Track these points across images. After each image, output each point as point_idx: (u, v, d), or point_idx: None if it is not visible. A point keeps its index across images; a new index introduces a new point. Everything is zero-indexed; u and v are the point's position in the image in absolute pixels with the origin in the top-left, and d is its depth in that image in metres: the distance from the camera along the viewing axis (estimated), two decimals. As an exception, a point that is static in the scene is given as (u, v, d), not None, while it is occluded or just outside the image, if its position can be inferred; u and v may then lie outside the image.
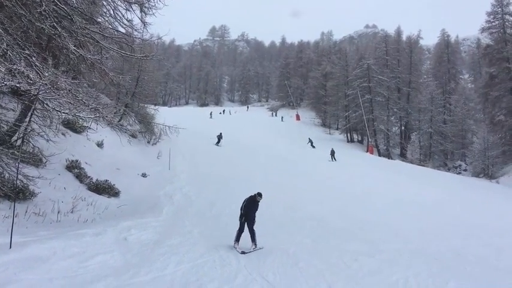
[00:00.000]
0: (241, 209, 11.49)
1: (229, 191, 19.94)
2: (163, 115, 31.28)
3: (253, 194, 11.64)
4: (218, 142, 36.45)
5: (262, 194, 11.50)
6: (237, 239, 11.08)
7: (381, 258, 11.02)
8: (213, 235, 12.05)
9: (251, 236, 11.16)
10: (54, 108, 10.08)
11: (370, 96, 57.89)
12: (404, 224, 17.21)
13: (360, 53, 77.34)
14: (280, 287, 8.20)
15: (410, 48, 68.18)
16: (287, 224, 14.86)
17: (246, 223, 11.24)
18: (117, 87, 23.98)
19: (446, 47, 78.68)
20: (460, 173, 51.16)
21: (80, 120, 16.09)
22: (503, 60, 50.40)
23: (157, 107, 34.55)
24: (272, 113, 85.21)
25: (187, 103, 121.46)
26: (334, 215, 17.52)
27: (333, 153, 38.12)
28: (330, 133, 68.99)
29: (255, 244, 11.08)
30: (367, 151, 53.79)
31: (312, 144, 46.94)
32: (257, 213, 16.15)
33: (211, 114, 71.45)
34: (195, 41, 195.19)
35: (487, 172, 46.22)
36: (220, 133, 37.17)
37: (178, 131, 24.60)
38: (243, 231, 11.19)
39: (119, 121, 24.73)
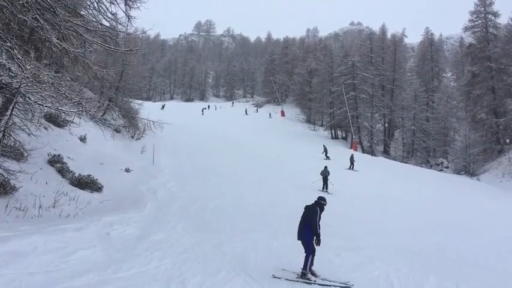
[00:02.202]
0: (314, 225, 8.89)
1: (213, 187, 19.99)
2: (148, 110, 31.13)
3: (317, 202, 9.39)
4: (325, 187, 23.68)
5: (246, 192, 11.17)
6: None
7: (363, 253, 11.15)
8: (196, 230, 12.05)
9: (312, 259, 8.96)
10: (36, 102, 9.95)
11: (355, 93, 58.16)
12: (386, 220, 17.42)
13: (345, 50, 77.58)
14: (264, 282, 8.24)
15: (394, 46, 68.64)
16: (271, 220, 14.92)
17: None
18: (101, 81, 23.74)
19: (430, 46, 79.59)
20: (441, 170, 51.83)
21: (63, 114, 15.89)
22: (485, 59, 51.17)
23: (142, 101, 34.30)
24: (257, 109, 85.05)
25: (172, 98, 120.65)
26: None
27: (352, 159, 33.84)
28: (314, 129, 69.22)
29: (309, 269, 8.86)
30: (351, 147, 54.10)
31: (326, 154, 36.95)
32: (242, 210, 16.26)
33: (203, 111, 71.02)
34: (180, 35, 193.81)
35: (468, 169, 46.97)
36: (325, 167, 24.88)
37: (163, 126, 24.56)
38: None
39: (102, 115, 24.51)
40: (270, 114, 75.41)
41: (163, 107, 69.53)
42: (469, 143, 48.44)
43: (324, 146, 39.18)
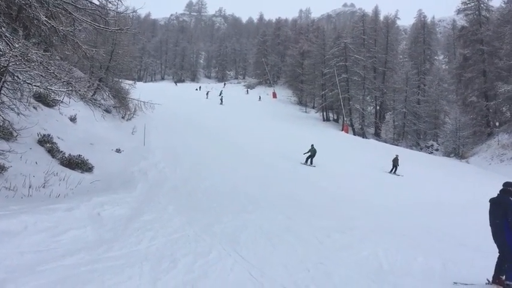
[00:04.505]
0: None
1: (204, 168, 19.99)
2: (141, 91, 30.89)
3: (506, 190, 7.53)
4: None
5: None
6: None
7: (352, 234, 11.27)
8: (187, 211, 12.07)
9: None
10: (25, 81, 9.82)
11: (347, 75, 58.13)
12: (375, 201, 17.61)
13: (337, 31, 77.27)
14: (254, 261, 8.30)
15: (387, 28, 68.43)
16: (261, 201, 15.00)
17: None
18: (91, 61, 23.42)
19: (423, 28, 79.20)
20: (431, 153, 52.28)
21: (52, 93, 15.72)
22: (477, 42, 51.23)
23: (135, 81, 33.99)
24: (247, 90, 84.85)
25: (163, 79, 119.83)
26: (307, 192, 17.79)
27: (396, 162, 28.44)
28: (306, 111, 69.35)
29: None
30: (342, 130, 54.31)
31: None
32: (233, 191, 16.31)
33: (207, 94, 65.76)
34: (171, 15, 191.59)
35: (458, 152, 47.36)
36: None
37: (154, 107, 24.44)
38: None
39: (92, 95, 24.30)
40: (259, 97, 74.90)
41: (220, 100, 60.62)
42: (459, 125, 48.74)
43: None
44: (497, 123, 51.12)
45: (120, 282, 6.33)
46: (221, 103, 59.12)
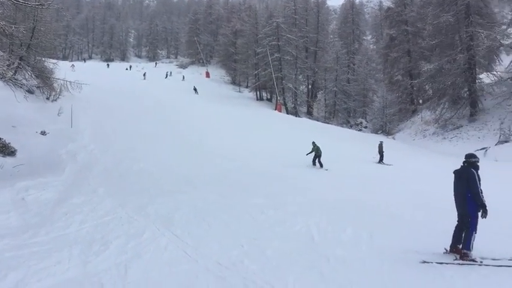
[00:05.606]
0: (475, 193, 7.20)
1: (137, 149, 19.58)
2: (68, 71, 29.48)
3: (469, 161, 7.57)
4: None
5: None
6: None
7: (285, 210, 11.50)
8: (119, 193, 11.80)
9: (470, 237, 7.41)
10: None
11: (279, 54, 58.60)
12: (306, 177, 18.08)
13: (269, 11, 77.42)
14: (188, 240, 8.29)
15: (317, 8, 69.36)
16: (196, 181, 14.95)
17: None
18: (10, 38, 21.91)
19: (351, 8, 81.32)
20: (360, 130, 54.30)
21: (-33, 73, 14.67)
22: (402, 22, 53.39)
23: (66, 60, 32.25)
24: (170, 72, 76.18)
25: (90, 58, 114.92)
26: (240, 170, 17.92)
27: (381, 149, 25.86)
28: (240, 91, 69.37)
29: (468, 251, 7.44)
30: (275, 109, 54.94)
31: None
32: (167, 172, 16.11)
33: (144, 75, 63.85)
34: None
35: (385, 129, 49.56)
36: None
37: (81, 86, 23.42)
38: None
39: (13, 75, 22.86)
40: (183, 76, 71.54)
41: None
42: (386, 103, 50.99)
43: None
44: (420, 101, 53.89)
45: (47, 266, 6.11)
46: (196, 93, 55.90)
